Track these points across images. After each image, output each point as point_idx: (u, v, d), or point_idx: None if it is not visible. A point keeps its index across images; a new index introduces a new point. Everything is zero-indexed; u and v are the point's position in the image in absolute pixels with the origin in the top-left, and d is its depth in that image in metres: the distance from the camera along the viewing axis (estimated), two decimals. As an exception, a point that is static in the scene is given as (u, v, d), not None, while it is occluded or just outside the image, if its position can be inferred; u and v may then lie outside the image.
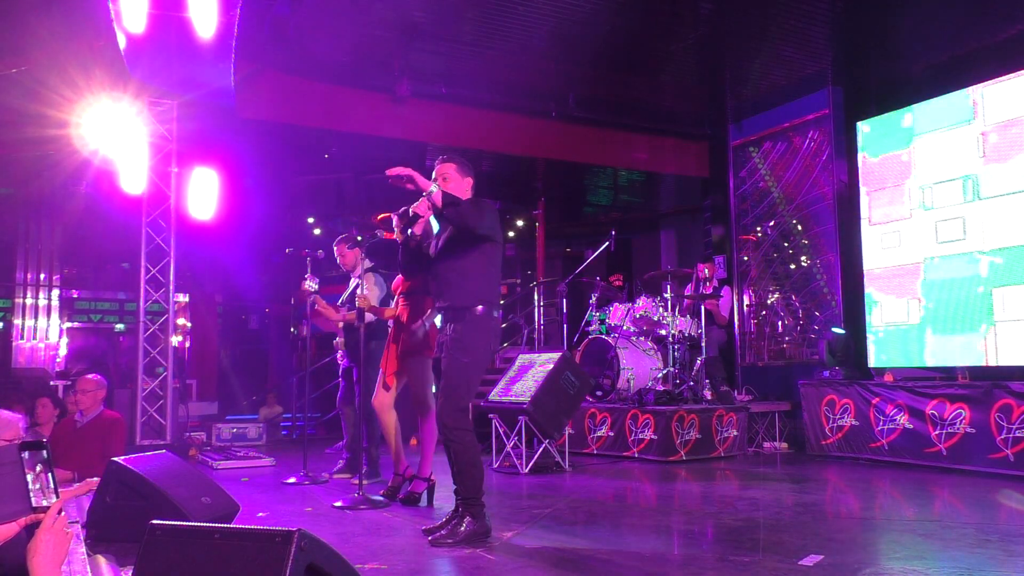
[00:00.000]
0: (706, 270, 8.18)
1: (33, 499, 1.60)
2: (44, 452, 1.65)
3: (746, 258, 9.34)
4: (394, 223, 3.81)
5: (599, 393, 7.37)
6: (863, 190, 7.23)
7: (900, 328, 6.73)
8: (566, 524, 4.04)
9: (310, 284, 5.59)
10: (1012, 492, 4.79)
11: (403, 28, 7.36)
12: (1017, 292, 5.85)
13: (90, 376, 5.08)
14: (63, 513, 1.62)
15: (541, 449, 6.01)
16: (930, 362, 6.46)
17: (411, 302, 4.66)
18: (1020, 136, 5.93)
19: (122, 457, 3.70)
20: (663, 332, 7.44)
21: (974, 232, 6.18)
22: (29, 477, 1.61)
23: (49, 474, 1.64)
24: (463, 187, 3.84)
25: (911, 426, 6.03)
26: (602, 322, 7.94)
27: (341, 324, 5.73)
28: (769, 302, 8.99)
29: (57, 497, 1.63)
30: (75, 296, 14.31)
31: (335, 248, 5.84)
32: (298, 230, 13.84)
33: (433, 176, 3.75)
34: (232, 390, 13.92)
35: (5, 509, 1.59)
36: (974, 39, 7.25)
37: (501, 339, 11.35)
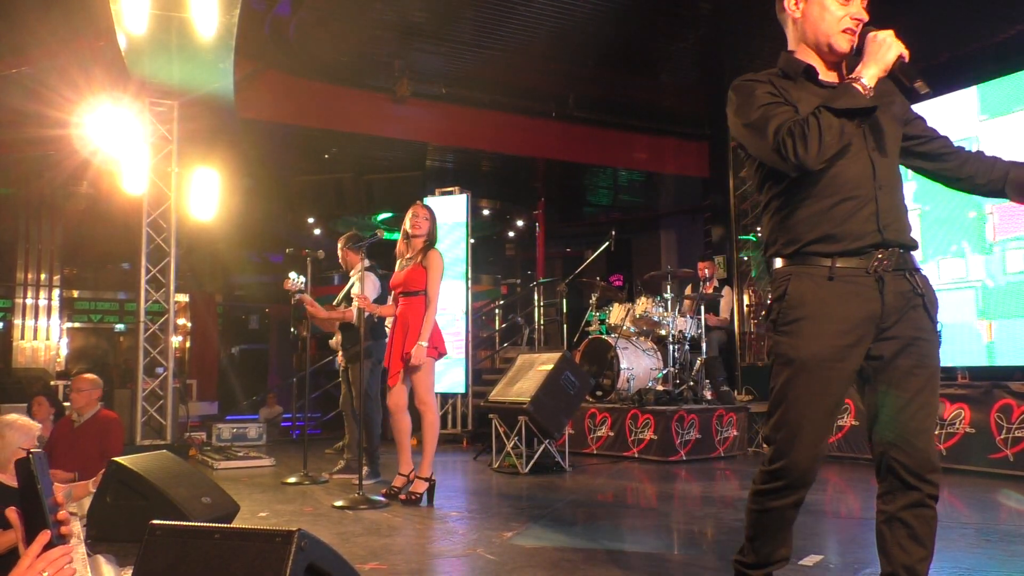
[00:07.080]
0: (706, 269, 8.17)
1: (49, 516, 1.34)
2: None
3: (746, 258, 9.33)
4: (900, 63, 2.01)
5: (599, 393, 7.36)
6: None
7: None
8: (566, 524, 4.03)
9: (294, 281, 5.41)
10: (1012, 492, 4.79)
11: (403, 28, 7.37)
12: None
13: (85, 375, 5.08)
14: (69, 525, 1.38)
15: (541, 449, 6.01)
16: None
17: (410, 301, 4.64)
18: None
19: (122, 457, 3.71)
20: (663, 332, 7.43)
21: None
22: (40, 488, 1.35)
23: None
24: None
25: (911, 426, 6.02)
26: (602, 322, 7.94)
27: (338, 324, 5.72)
28: (769, 302, 8.99)
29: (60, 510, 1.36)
30: (75, 296, 14.33)
31: (339, 244, 5.83)
32: (298, 230, 13.85)
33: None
34: (232, 390, 13.93)
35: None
36: (974, 39, 7.25)
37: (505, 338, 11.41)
